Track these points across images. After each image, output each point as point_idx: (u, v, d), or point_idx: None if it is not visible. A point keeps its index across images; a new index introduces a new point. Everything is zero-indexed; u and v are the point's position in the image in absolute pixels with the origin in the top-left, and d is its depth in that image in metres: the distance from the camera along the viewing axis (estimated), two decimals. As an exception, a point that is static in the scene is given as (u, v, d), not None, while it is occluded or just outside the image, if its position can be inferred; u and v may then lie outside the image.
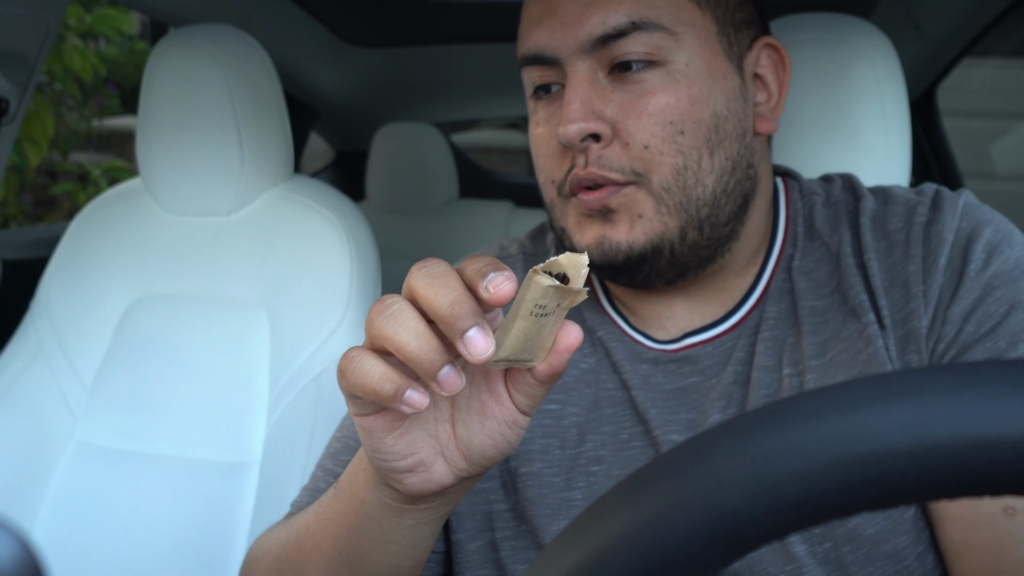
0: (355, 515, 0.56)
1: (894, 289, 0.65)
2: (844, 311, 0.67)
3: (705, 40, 0.65)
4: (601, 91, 0.64)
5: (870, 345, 0.64)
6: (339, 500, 0.58)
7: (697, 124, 0.64)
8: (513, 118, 5.60)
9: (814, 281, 0.69)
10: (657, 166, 0.64)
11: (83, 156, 4.03)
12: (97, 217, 1.24)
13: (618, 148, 0.64)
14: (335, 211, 1.15)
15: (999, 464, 0.24)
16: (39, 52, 1.25)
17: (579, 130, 0.62)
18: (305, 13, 1.82)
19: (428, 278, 0.43)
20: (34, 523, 1.09)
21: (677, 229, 0.65)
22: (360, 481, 0.55)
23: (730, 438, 0.26)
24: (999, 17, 1.46)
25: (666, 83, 0.63)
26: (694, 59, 0.64)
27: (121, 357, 1.15)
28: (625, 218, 0.65)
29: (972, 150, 3.19)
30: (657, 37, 0.63)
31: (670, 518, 0.25)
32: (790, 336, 0.68)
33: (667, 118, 0.63)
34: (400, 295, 0.45)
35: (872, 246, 0.68)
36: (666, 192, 0.64)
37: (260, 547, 0.70)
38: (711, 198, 0.65)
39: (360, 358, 0.44)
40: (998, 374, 0.25)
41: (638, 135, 0.63)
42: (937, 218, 0.66)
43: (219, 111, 1.14)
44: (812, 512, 0.25)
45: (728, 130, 0.66)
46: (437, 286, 0.42)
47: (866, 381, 0.26)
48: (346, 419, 0.79)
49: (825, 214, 0.73)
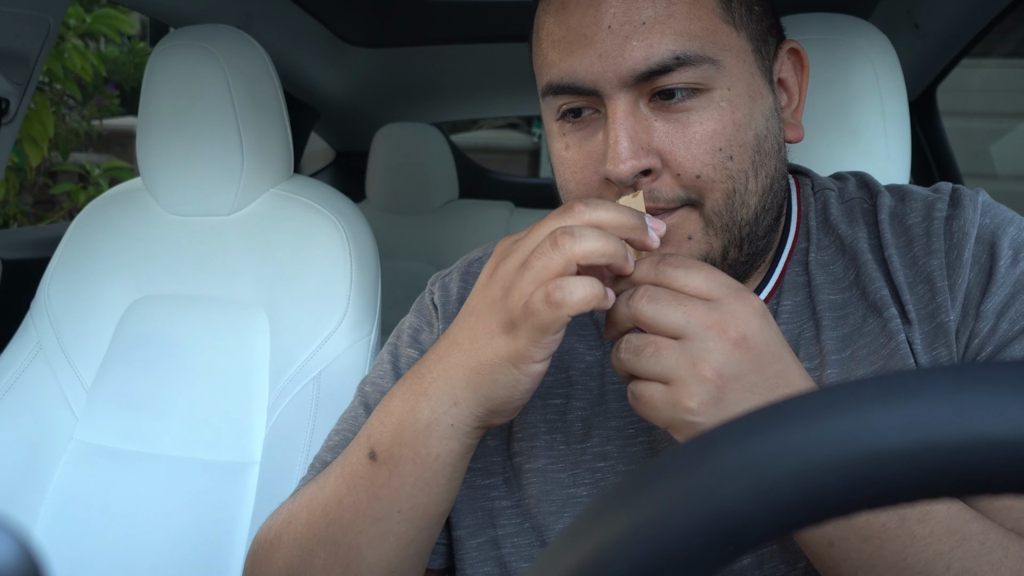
0: (425, 470, 0.61)
1: (918, 284, 0.66)
2: (864, 305, 0.67)
3: (743, 62, 0.65)
4: (645, 123, 0.63)
5: (892, 340, 0.64)
6: (391, 467, 0.61)
7: (743, 148, 0.64)
8: (513, 118, 5.61)
9: (831, 275, 0.70)
10: (710, 192, 0.63)
11: (83, 156, 4.03)
12: (97, 217, 1.24)
13: (669, 179, 0.63)
14: (335, 211, 1.15)
15: (999, 464, 0.24)
16: (39, 52, 1.25)
17: (631, 169, 0.62)
18: (305, 13, 1.82)
19: (591, 242, 0.54)
20: (34, 523, 1.10)
21: (720, 249, 0.66)
22: (436, 441, 0.60)
23: (730, 438, 0.26)
24: (999, 17, 1.46)
25: (711, 109, 0.63)
26: (735, 83, 0.64)
27: (121, 357, 1.15)
28: (672, 242, 0.65)
29: (972, 150, 3.19)
30: (701, 69, 0.62)
31: (670, 518, 0.25)
32: (807, 329, 0.68)
33: (716, 145, 0.63)
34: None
35: (892, 241, 0.68)
36: (716, 216, 0.64)
37: (270, 531, 0.70)
38: (753, 217, 0.66)
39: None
40: (998, 374, 0.25)
41: (689, 165, 0.63)
42: (958, 213, 0.67)
43: (219, 111, 1.14)
44: (812, 512, 0.25)
45: (767, 148, 0.66)
46: (603, 240, 0.55)
47: (866, 381, 0.26)
48: (346, 413, 0.79)
49: (840, 209, 0.73)
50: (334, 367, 1.07)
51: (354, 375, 1.08)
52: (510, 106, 2.66)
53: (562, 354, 0.74)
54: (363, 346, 1.10)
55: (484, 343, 0.59)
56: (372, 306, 1.13)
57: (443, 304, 0.80)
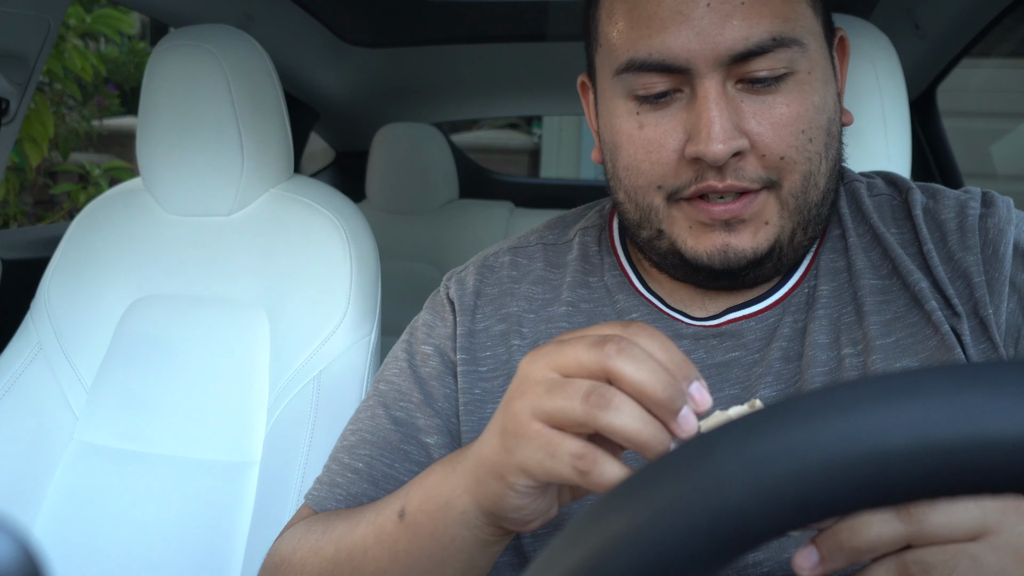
0: (441, 549, 0.57)
1: (957, 279, 0.67)
2: (907, 296, 0.67)
3: (820, 45, 0.66)
4: (736, 105, 0.63)
5: (938, 332, 0.64)
6: (412, 532, 0.59)
7: (820, 130, 0.65)
8: (513, 118, 5.61)
9: (871, 261, 0.70)
10: (789, 173, 0.64)
11: (83, 156, 4.03)
12: (97, 217, 1.24)
13: (754, 159, 0.64)
14: (335, 211, 1.15)
15: (999, 464, 0.24)
16: (39, 52, 1.25)
17: (728, 149, 0.62)
18: (305, 13, 1.82)
19: (635, 363, 0.45)
20: (34, 523, 1.10)
21: (790, 231, 0.67)
22: (452, 522, 0.56)
23: (731, 438, 0.26)
24: (999, 17, 1.46)
25: (795, 92, 0.64)
26: (815, 67, 0.65)
27: (121, 357, 1.15)
28: (751, 226, 0.66)
29: (972, 150, 3.18)
30: (792, 51, 0.63)
31: (671, 518, 0.25)
32: (847, 314, 0.68)
33: (799, 127, 0.64)
34: (609, 385, 0.46)
35: (928, 236, 0.69)
36: (792, 198, 0.65)
37: (295, 552, 0.69)
38: (821, 199, 0.67)
39: (616, 408, 0.45)
40: (998, 374, 0.25)
41: (775, 146, 0.63)
42: (992, 212, 0.68)
43: (219, 111, 1.14)
44: (813, 512, 0.25)
45: (835, 132, 0.68)
46: (647, 370, 0.45)
47: (867, 381, 0.26)
48: (358, 412, 0.79)
49: (871, 202, 0.74)
50: (334, 367, 1.07)
51: (354, 375, 1.08)
52: (510, 106, 2.66)
53: None
54: (363, 346, 1.10)
55: (487, 435, 0.54)
56: (372, 306, 1.13)
57: (459, 297, 0.79)
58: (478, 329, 0.77)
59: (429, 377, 0.76)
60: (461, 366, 0.75)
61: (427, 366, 0.77)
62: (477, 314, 0.78)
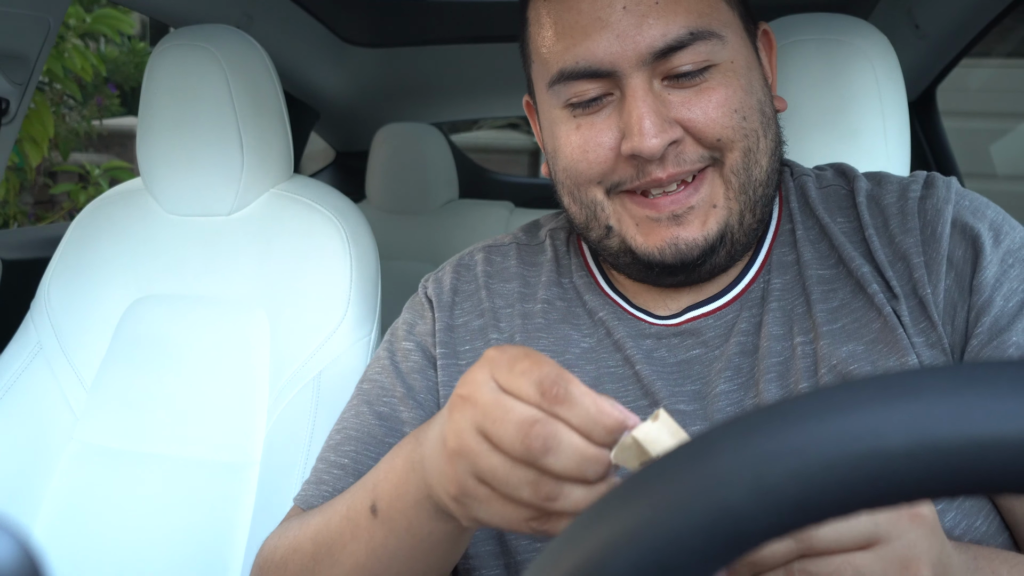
0: (420, 542, 0.58)
1: (897, 261, 0.68)
2: (851, 282, 0.69)
3: (740, 36, 0.69)
4: (664, 99, 0.66)
5: (880, 314, 0.66)
6: (388, 528, 0.59)
7: (752, 109, 0.68)
8: (513, 118, 5.61)
9: (818, 252, 0.72)
10: (729, 151, 0.67)
11: (83, 156, 4.02)
12: (97, 217, 1.24)
13: (691, 144, 0.67)
14: (335, 211, 1.15)
15: (999, 464, 0.24)
16: (39, 52, 1.25)
17: (660, 143, 0.65)
18: (305, 13, 1.82)
19: (556, 456, 0.44)
20: (34, 523, 1.09)
21: (738, 212, 0.69)
22: (423, 516, 0.56)
23: (730, 438, 0.26)
24: (999, 17, 1.46)
25: (719, 80, 0.67)
26: (736, 56, 0.68)
27: (121, 357, 1.15)
28: (699, 215, 0.68)
29: (972, 150, 3.19)
30: (711, 44, 0.66)
31: (670, 518, 0.25)
32: (798, 305, 0.70)
33: (731, 107, 0.66)
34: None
35: (870, 222, 0.71)
36: (734, 175, 0.68)
37: (275, 551, 0.70)
38: (765, 178, 0.70)
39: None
40: (998, 374, 0.25)
41: (708, 130, 0.66)
42: (931, 194, 0.70)
43: (219, 111, 1.14)
44: (812, 511, 0.25)
45: (768, 113, 0.70)
46: (573, 461, 0.44)
47: (866, 381, 0.26)
48: (345, 411, 0.80)
49: (819, 195, 0.76)
50: (334, 367, 1.07)
51: (354, 375, 1.08)
52: (510, 106, 2.66)
53: (557, 340, 0.76)
54: (363, 346, 1.10)
55: (432, 430, 0.54)
56: (372, 306, 1.13)
57: (437, 295, 0.82)
58: (457, 324, 0.80)
59: (411, 371, 0.78)
60: (441, 360, 0.77)
61: (408, 361, 0.79)
62: (455, 310, 0.80)
